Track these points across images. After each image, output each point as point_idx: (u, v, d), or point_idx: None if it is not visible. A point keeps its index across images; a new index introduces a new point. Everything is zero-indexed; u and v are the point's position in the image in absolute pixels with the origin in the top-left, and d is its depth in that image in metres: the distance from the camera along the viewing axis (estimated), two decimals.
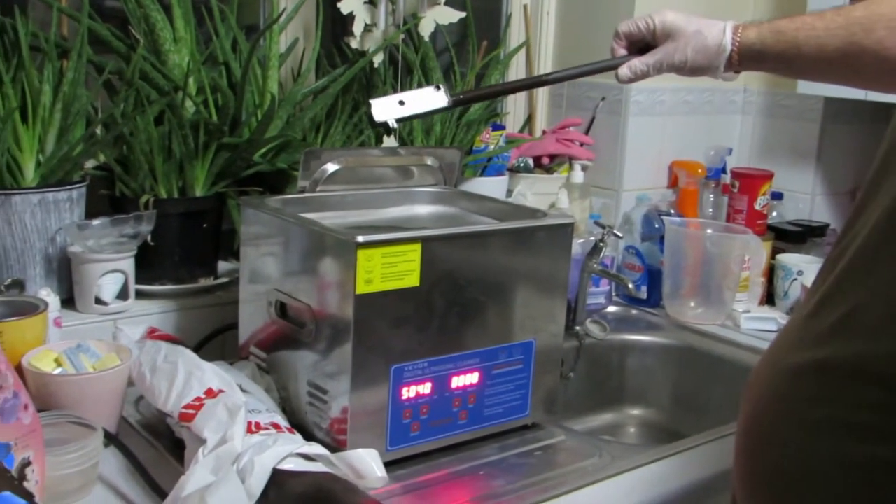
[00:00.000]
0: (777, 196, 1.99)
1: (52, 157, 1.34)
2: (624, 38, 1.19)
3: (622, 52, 1.20)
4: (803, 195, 2.03)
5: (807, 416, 0.82)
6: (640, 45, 1.19)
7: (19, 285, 1.31)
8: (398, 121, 1.13)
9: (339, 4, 1.61)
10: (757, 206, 1.91)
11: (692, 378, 1.70)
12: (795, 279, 1.79)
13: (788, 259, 1.83)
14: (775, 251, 1.88)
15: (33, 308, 1.19)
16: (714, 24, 1.12)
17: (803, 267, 1.79)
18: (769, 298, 1.87)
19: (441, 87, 1.16)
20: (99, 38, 1.46)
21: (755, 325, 1.74)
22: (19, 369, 1.07)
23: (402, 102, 1.13)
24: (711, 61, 1.12)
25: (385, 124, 1.13)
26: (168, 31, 1.49)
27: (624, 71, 1.19)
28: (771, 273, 1.86)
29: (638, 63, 1.17)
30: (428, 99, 1.15)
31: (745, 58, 1.10)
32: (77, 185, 1.38)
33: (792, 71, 1.13)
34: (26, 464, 0.90)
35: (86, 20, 1.39)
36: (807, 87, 1.84)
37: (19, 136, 1.31)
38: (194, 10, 1.52)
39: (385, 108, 1.12)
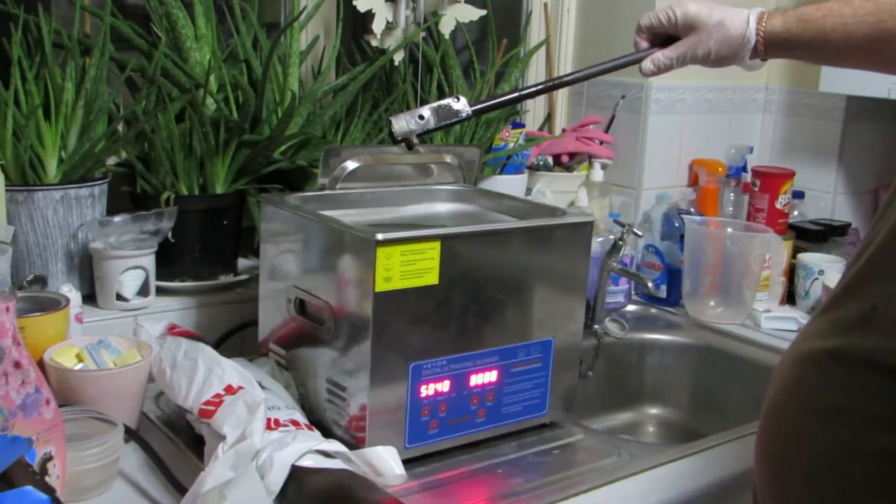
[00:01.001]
0: (798, 195, 1.98)
1: (75, 154, 1.35)
2: (646, 30, 1.18)
3: (645, 45, 1.19)
4: (825, 194, 2.02)
5: (820, 403, 0.83)
6: (663, 37, 1.18)
7: (41, 281, 1.32)
8: (419, 136, 1.13)
9: (354, 2, 1.61)
10: (778, 205, 1.90)
11: (711, 377, 1.69)
12: (816, 278, 1.78)
13: (809, 258, 1.81)
14: (796, 250, 1.86)
15: (55, 304, 1.19)
16: (737, 14, 1.10)
17: (824, 266, 1.78)
18: (790, 298, 1.85)
19: (461, 97, 1.16)
20: (121, 36, 1.47)
21: (775, 324, 1.73)
22: (41, 364, 1.08)
23: (421, 117, 1.13)
24: (736, 52, 1.10)
25: (407, 140, 1.13)
26: (189, 28, 1.49)
27: (647, 64, 1.17)
28: (792, 272, 1.85)
29: (661, 56, 1.16)
30: (448, 110, 1.15)
31: (770, 47, 1.09)
32: (99, 182, 1.38)
33: (819, 58, 1.11)
34: (48, 458, 0.90)
35: (108, 17, 1.40)
36: (829, 86, 1.82)
37: (42, 133, 1.32)
38: (215, 8, 1.52)
39: (406, 124, 1.13)
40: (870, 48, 1.00)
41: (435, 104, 1.14)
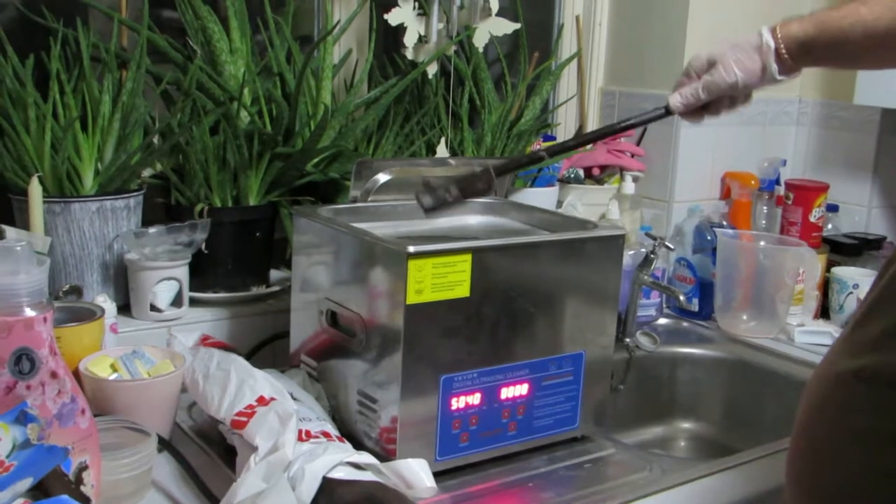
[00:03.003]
0: (832, 208, 1.96)
1: (111, 166, 1.36)
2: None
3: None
4: (859, 207, 1.99)
5: (848, 424, 0.82)
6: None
7: (77, 291, 1.33)
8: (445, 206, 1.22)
9: (386, 16, 1.62)
10: (812, 219, 1.88)
11: (744, 392, 1.67)
12: (851, 293, 1.75)
13: (844, 272, 1.79)
14: (830, 264, 1.84)
15: (90, 314, 1.20)
16: (748, 34, 1.11)
17: (859, 280, 1.75)
18: (824, 312, 1.83)
19: (489, 167, 1.22)
20: (157, 49, 1.49)
21: (809, 338, 1.71)
22: (76, 374, 1.09)
23: (449, 193, 1.18)
24: (760, 64, 1.10)
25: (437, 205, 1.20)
26: (224, 42, 1.50)
27: (675, 98, 1.17)
28: (826, 286, 1.82)
29: (688, 89, 1.16)
30: (473, 182, 1.21)
31: (794, 52, 1.08)
32: (134, 194, 1.40)
33: (842, 59, 1.11)
34: (83, 468, 0.91)
35: (145, 31, 1.41)
36: (864, 98, 1.80)
37: (79, 145, 1.34)
38: (250, 22, 1.54)
39: (432, 200, 1.19)
40: (890, 45, 0.99)
41: (462, 178, 1.20)
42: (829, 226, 1.96)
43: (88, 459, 0.92)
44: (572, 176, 1.93)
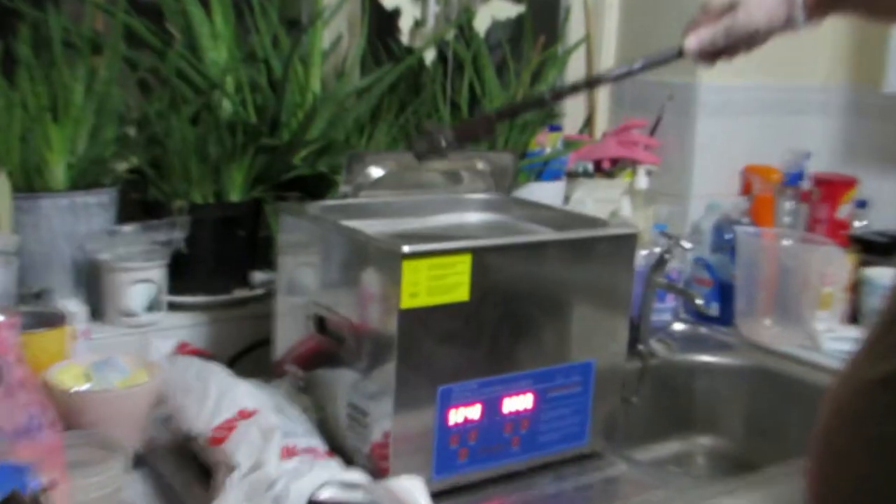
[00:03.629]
0: (862, 204, 1.95)
1: (83, 159, 1.36)
2: None
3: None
4: (892, 203, 1.98)
5: (869, 430, 0.83)
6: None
7: (45, 295, 1.32)
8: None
9: None
10: (839, 215, 1.88)
11: (768, 404, 1.66)
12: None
13: (875, 273, 1.78)
14: (861, 264, 1.83)
15: (59, 319, 1.20)
16: None
17: (892, 281, 1.74)
18: (854, 317, 1.82)
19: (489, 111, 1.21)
20: (133, 34, 1.48)
21: (838, 345, 1.69)
22: (42, 384, 1.08)
23: (444, 142, 1.19)
24: (788, 11, 1.08)
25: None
26: (206, 26, 1.50)
27: (690, 40, 1.13)
28: (856, 288, 1.81)
29: (706, 32, 1.12)
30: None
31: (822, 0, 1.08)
32: (108, 189, 1.39)
33: (873, 11, 1.10)
34: (47, 487, 0.90)
35: (121, 15, 1.40)
36: (895, 85, 1.79)
37: (49, 137, 1.33)
38: (234, 5, 1.53)
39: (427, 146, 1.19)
40: None
41: (460, 122, 1.17)
42: (864, 222, 1.95)
43: (52, 477, 0.90)
44: (581, 170, 1.92)
